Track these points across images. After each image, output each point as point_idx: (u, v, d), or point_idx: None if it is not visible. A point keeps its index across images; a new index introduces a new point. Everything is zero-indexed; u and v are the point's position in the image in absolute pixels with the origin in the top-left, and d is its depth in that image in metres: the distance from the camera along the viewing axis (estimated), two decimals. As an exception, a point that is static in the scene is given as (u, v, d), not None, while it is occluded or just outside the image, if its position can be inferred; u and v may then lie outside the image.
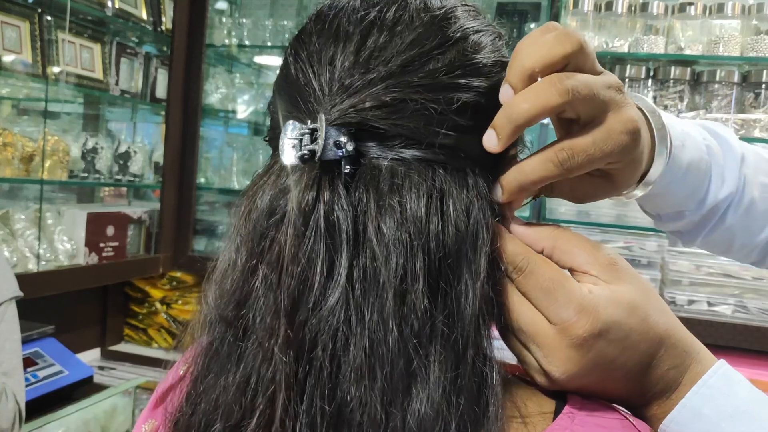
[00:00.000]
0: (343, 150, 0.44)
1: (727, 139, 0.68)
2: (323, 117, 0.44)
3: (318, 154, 0.43)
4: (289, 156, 0.45)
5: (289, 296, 0.43)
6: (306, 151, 0.44)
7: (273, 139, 0.49)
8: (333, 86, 0.45)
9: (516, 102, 0.45)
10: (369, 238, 0.43)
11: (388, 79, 0.45)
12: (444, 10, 0.48)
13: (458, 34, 0.48)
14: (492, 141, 0.46)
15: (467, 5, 0.51)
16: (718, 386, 0.46)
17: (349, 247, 0.43)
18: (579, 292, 0.44)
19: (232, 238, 0.48)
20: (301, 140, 0.44)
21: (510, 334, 0.47)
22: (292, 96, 0.48)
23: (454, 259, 0.44)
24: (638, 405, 0.48)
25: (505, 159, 0.49)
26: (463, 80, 0.46)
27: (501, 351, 0.48)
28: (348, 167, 0.44)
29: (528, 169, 0.46)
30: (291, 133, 0.45)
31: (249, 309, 0.45)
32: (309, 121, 0.45)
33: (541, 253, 0.47)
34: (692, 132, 0.64)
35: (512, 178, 0.47)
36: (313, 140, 0.44)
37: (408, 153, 0.45)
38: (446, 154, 0.45)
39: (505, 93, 0.46)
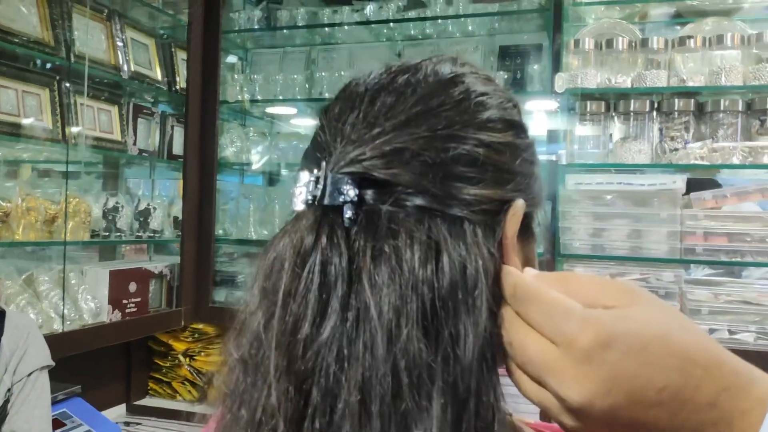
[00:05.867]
0: (345, 196, 0.46)
1: None
2: (325, 165, 0.47)
3: (318, 198, 0.47)
4: (297, 202, 0.49)
5: (289, 331, 0.45)
6: (310, 197, 0.47)
7: None
8: (342, 141, 0.49)
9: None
10: (362, 280, 0.45)
11: (390, 133, 0.47)
12: (452, 75, 0.52)
13: (462, 96, 0.50)
14: None
15: (478, 72, 0.53)
16: None
17: (343, 287, 0.45)
18: (580, 307, 0.43)
19: (250, 284, 0.51)
20: (308, 188, 0.48)
21: (523, 378, 0.46)
22: (311, 153, 0.51)
23: (450, 306, 0.45)
24: None
25: (509, 213, 0.49)
26: (462, 133, 0.48)
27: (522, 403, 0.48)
28: (349, 212, 0.46)
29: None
30: (301, 182, 0.49)
31: (259, 348, 0.47)
32: (316, 170, 0.48)
33: None
34: None
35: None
36: (318, 187, 0.47)
37: (407, 201, 0.47)
38: (444, 203, 0.47)
39: None
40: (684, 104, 2.09)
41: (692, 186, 2.12)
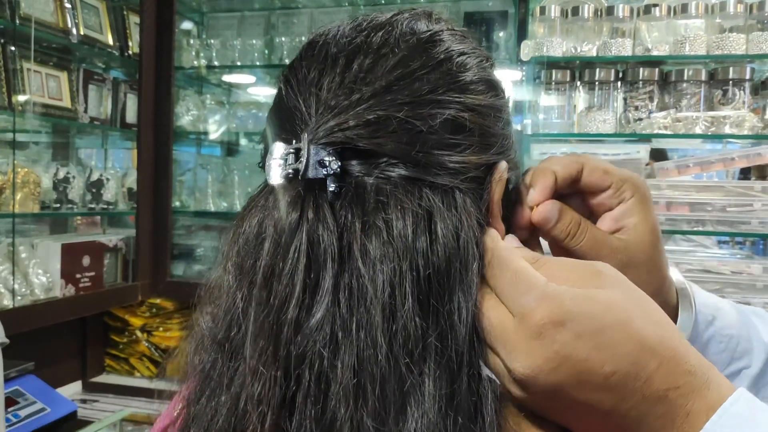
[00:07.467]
0: (328, 169, 0.44)
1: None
2: (306, 136, 0.44)
3: (301, 173, 0.44)
4: (275, 176, 0.45)
5: (275, 314, 0.43)
6: (290, 170, 0.44)
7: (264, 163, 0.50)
8: (319, 108, 0.46)
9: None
10: (354, 256, 0.43)
11: (372, 99, 0.45)
12: (429, 33, 0.49)
13: (443, 56, 0.48)
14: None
15: (454, 30, 0.51)
16: (743, 415, 0.40)
17: (333, 266, 0.43)
18: (544, 282, 0.42)
19: (222, 261, 0.48)
20: (286, 160, 0.45)
21: (485, 346, 0.45)
22: (281, 120, 0.48)
23: (444, 277, 0.43)
24: None
25: (495, 177, 0.49)
26: (446, 97, 0.46)
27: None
28: (333, 186, 0.44)
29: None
30: (277, 154, 0.45)
31: (239, 330, 0.45)
32: (294, 142, 0.45)
33: None
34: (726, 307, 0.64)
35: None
36: (298, 160, 0.44)
37: (393, 171, 0.45)
38: (431, 172, 0.45)
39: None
40: (648, 74, 2.09)
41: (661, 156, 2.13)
